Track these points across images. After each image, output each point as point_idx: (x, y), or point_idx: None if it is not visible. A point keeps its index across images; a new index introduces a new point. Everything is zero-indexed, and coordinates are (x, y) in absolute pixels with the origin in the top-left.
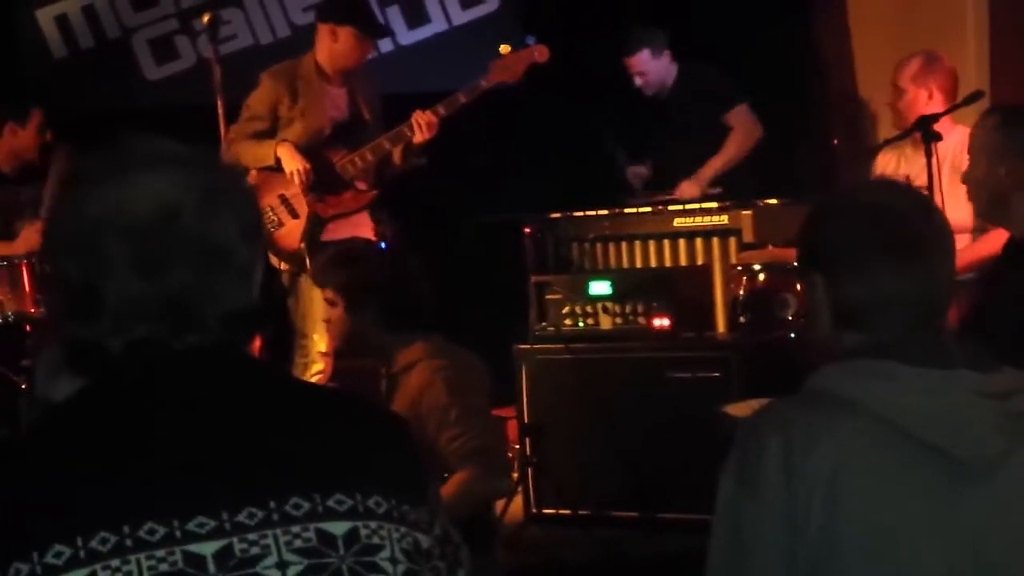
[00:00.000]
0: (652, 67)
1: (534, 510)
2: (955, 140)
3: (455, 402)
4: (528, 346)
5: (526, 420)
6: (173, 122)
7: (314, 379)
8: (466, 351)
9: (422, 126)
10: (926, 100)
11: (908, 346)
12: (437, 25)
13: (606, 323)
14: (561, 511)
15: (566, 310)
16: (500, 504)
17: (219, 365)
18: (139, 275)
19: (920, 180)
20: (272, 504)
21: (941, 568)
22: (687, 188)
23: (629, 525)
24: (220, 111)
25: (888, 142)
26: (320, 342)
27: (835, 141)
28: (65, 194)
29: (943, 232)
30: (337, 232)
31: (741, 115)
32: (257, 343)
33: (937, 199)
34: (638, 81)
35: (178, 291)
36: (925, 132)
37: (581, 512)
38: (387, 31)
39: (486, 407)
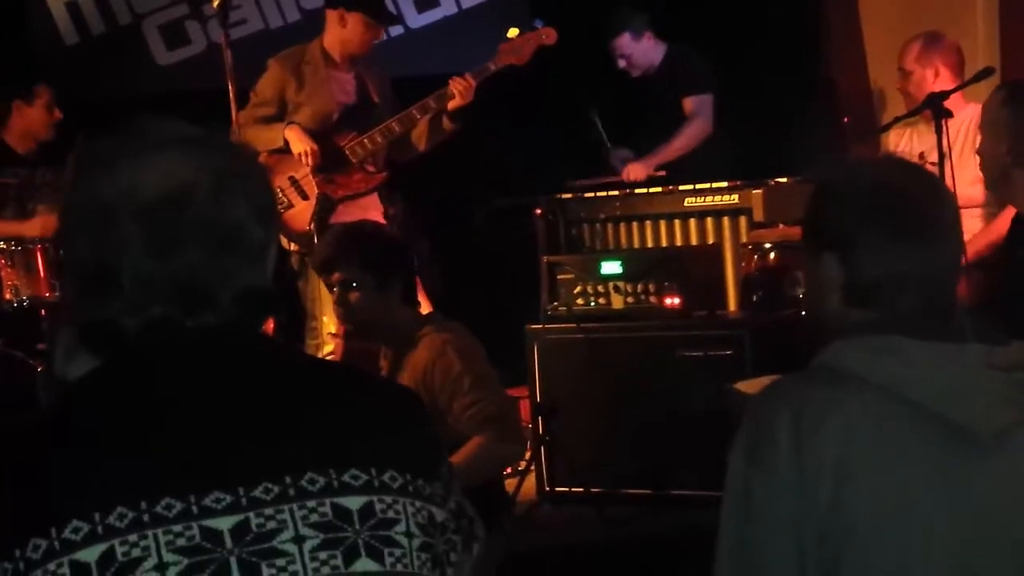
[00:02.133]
0: (634, 49)
1: (547, 488)
2: (966, 117)
3: (468, 370)
4: (540, 326)
5: (538, 399)
6: (184, 107)
7: None
8: (460, 325)
9: (460, 91)
10: (933, 78)
11: (917, 321)
12: (446, 8)
13: (617, 302)
14: (574, 489)
15: (578, 290)
16: (513, 482)
17: (233, 344)
18: (152, 255)
19: (932, 157)
20: (288, 479)
21: (952, 540)
22: (635, 169)
23: (642, 503)
24: (231, 95)
25: (899, 119)
26: (330, 323)
27: (846, 120)
28: (79, 176)
29: (952, 212)
30: (346, 214)
31: (701, 105)
32: (270, 326)
33: (948, 175)
34: (621, 64)
35: (191, 271)
36: (936, 109)
37: (594, 490)
38: (396, 19)
39: (494, 374)
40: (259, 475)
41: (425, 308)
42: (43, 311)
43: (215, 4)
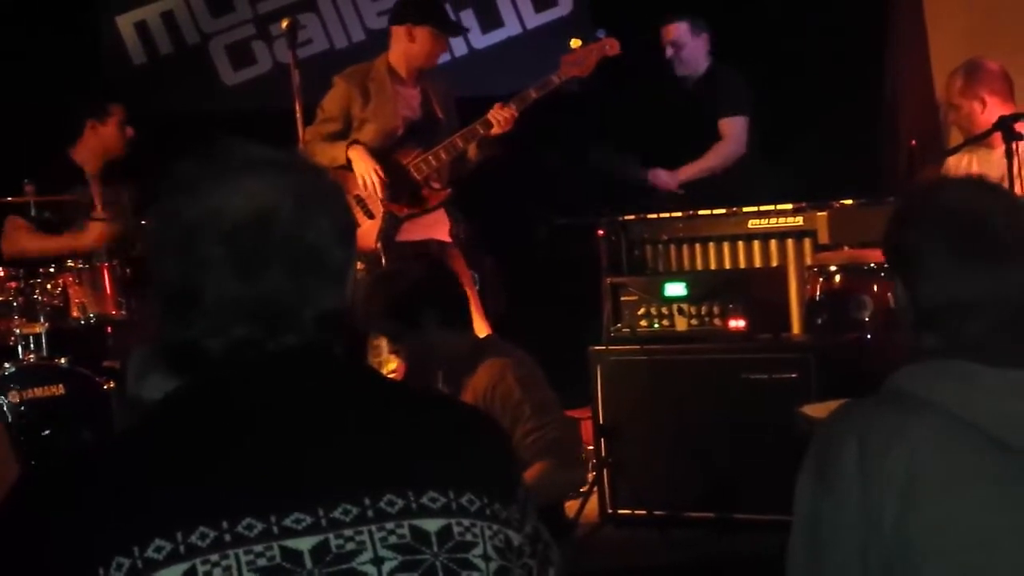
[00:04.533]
0: (688, 42)
1: (609, 511)
2: None
3: (527, 397)
4: (603, 347)
5: (601, 421)
6: (251, 126)
7: None
8: (519, 348)
9: (500, 120)
10: (981, 110)
11: (990, 347)
12: (511, 28)
13: (681, 324)
14: (637, 512)
15: (641, 311)
16: (575, 504)
17: (314, 365)
18: (236, 276)
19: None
20: (367, 501)
21: (1019, 568)
22: (663, 177)
23: (705, 526)
24: (299, 115)
25: (969, 142)
26: None
27: (913, 142)
28: (164, 198)
29: None
30: (412, 232)
31: (734, 126)
32: None
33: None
34: (669, 52)
35: (274, 292)
36: (1006, 131)
37: (657, 513)
38: (463, 28)
39: (555, 400)
40: (339, 496)
41: (482, 328)
42: (109, 328)
43: (283, 25)
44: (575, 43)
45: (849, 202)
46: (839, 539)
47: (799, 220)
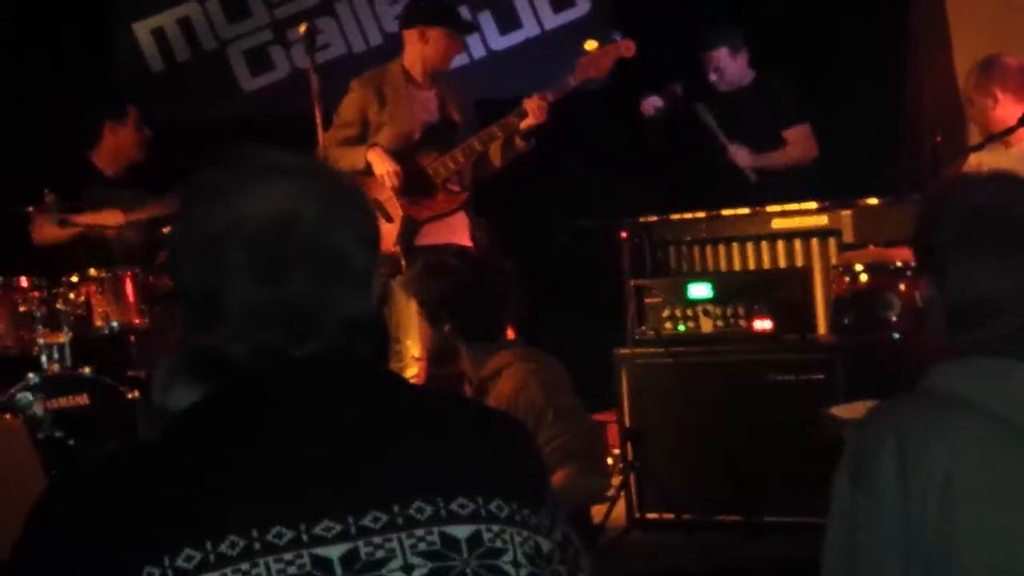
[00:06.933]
0: (729, 65)
1: (637, 515)
2: None
3: (551, 403)
4: (628, 350)
5: (627, 424)
6: (270, 132)
7: None
8: (545, 353)
9: (534, 109)
10: (993, 105)
11: (1022, 342)
12: (529, 30)
13: (707, 326)
14: (664, 516)
15: (666, 313)
16: (603, 509)
17: (339, 371)
18: (258, 283)
19: None
20: (396, 508)
21: None
22: (742, 155)
23: (733, 529)
24: (318, 120)
25: (992, 138)
26: (414, 347)
27: (938, 139)
28: (186, 205)
29: None
30: (432, 236)
31: (800, 134)
32: None
33: None
34: (713, 77)
35: (297, 298)
36: None
37: (684, 516)
38: (475, 27)
39: (579, 407)
40: (367, 504)
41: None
42: (133, 337)
43: (301, 29)
44: (590, 45)
45: (874, 200)
46: (877, 540)
47: (824, 219)
